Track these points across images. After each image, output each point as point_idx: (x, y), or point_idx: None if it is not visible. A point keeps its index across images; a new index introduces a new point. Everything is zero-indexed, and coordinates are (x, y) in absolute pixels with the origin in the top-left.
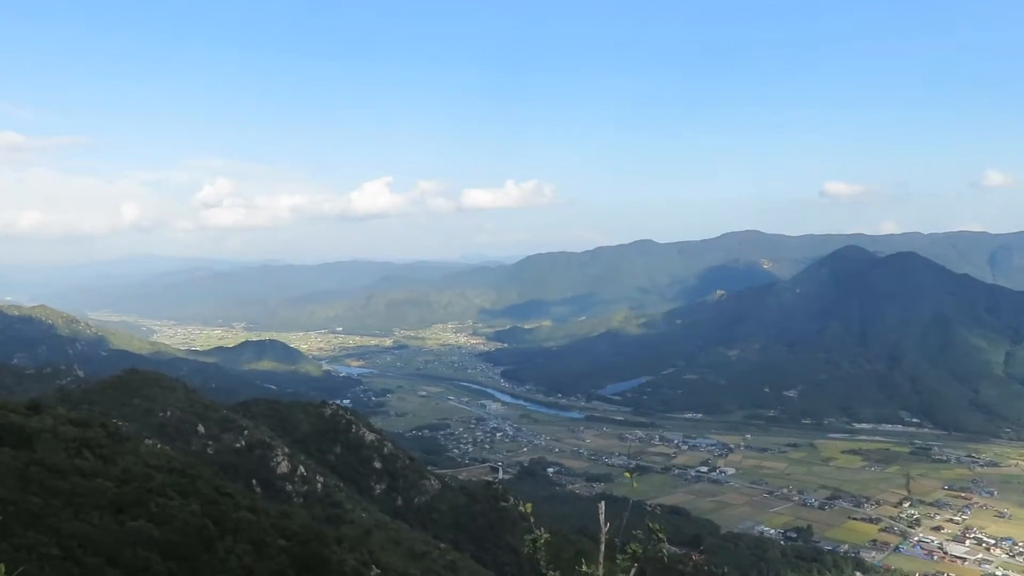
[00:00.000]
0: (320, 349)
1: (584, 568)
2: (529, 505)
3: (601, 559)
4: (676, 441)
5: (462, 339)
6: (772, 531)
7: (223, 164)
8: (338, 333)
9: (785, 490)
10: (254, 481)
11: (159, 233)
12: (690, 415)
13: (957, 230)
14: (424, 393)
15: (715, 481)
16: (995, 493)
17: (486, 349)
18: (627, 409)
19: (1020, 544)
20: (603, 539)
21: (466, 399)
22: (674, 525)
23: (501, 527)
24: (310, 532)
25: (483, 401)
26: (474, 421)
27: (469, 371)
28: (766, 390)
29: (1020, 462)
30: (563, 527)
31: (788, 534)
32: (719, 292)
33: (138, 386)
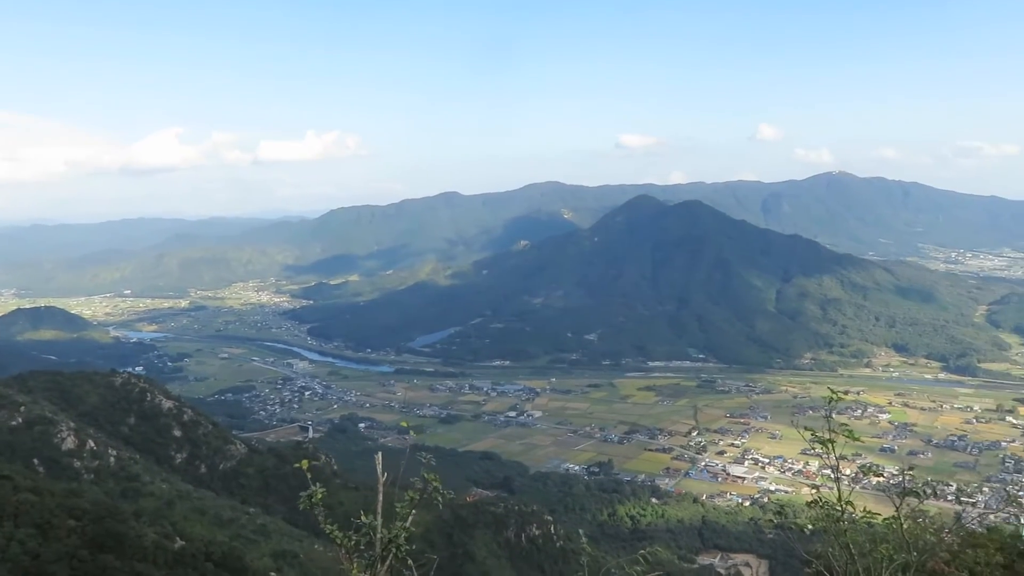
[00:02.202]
0: (107, 314)
1: (363, 518)
2: (305, 462)
3: (379, 508)
4: (485, 389)
5: (265, 298)
6: (577, 467)
7: None
8: (126, 296)
9: (588, 428)
10: (36, 460)
11: None
12: (498, 363)
13: (736, 180)
14: (226, 355)
15: (523, 425)
16: (768, 417)
17: (291, 307)
18: (437, 360)
19: (790, 461)
20: (381, 489)
21: (271, 359)
22: (485, 469)
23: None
24: (103, 509)
25: (290, 360)
26: (281, 381)
27: (274, 330)
28: (569, 335)
29: (789, 388)
30: (374, 481)
31: (591, 469)
32: (523, 242)
33: None
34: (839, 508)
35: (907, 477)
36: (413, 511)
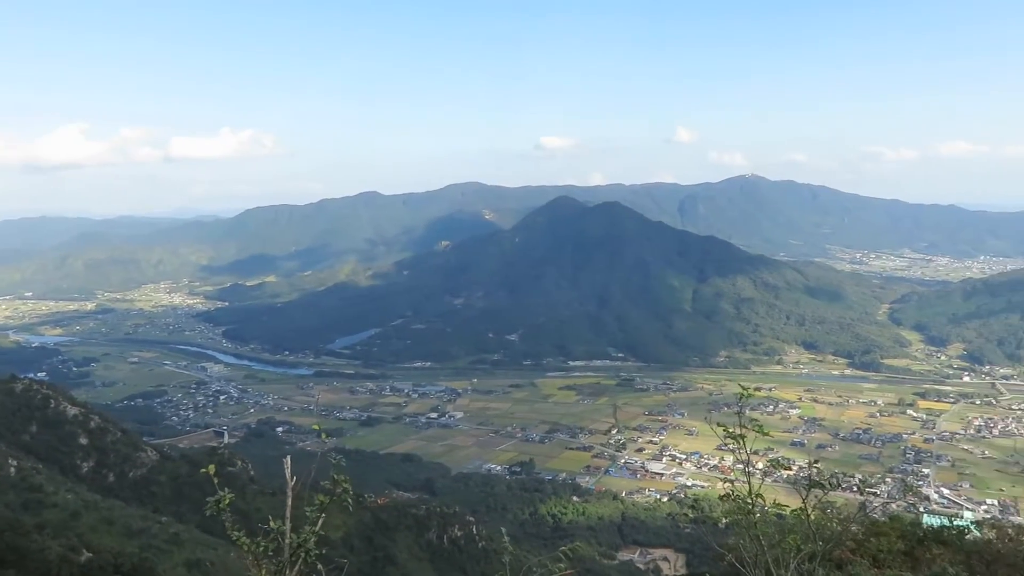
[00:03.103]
0: (7, 318)
1: (271, 523)
2: (212, 467)
3: (288, 513)
4: (406, 390)
5: (177, 299)
6: (499, 468)
7: None
8: (27, 299)
9: (510, 428)
10: None
11: None
12: (419, 364)
13: (653, 181)
14: (136, 359)
15: (445, 426)
16: (685, 414)
17: (205, 309)
18: (357, 362)
19: (706, 456)
20: (290, 493)
21: (184, 363)
22: (407, 472)
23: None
24: (3, 522)
25: (204, 364)
26: (194, 385)
27: (187, 333)
28: (490, 335)
29: (705, 385)
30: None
31: (513, 469)
32: (444, 243)
33: None
34: (750, 501)
35: (813, 470)
36: (323, 515)
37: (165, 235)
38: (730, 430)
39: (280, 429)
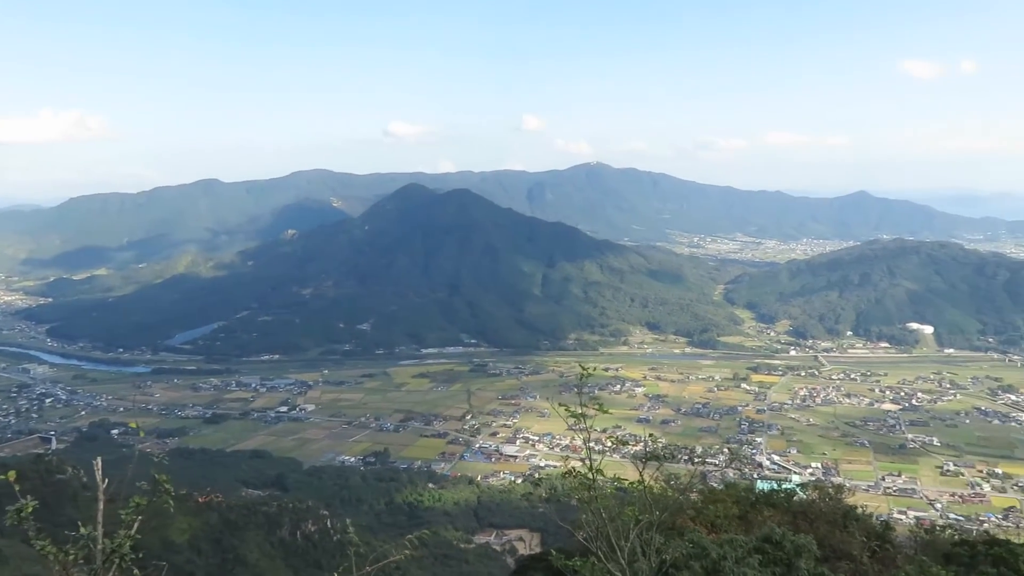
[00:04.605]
0: None
1: (82, 529)
2: (12, 473)
3: (99, 517)
4: (254, 385)
5: None
6: (353, 459)
7: None
8: None
9: (363, 419)
10: None
11: None
12: (267, 357)
13: (502, 169)
14: None
15: (296, 419)
16: (537, 397)
17: (26, 305)
18: (200, 358)
19: (558, 437)
20: (101, 497)
21: (3, 365)
22: (256, 468)
23: (59, 502)
24: None
25: (26, 365)
26: (16, 389)
27: (5, 332)
28: (341, 325)
29: (555, 368)
30: (132, 489)
31: (367, 459)
32: (290, 231)
33: None
34: (590, 477)
35: (649, 444)
36: (139, 518)
37: None
38: (571, 409)
39: (115, 431)
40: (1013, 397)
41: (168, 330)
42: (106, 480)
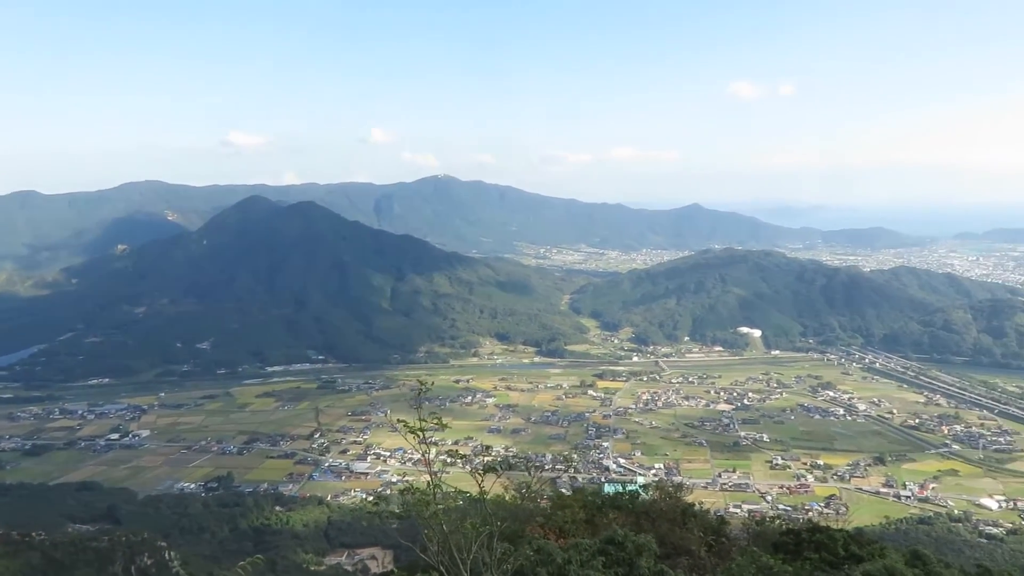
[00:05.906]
0: None
1: None
2: None
3: None
4: (81, 412)
5: None
6: (193, 485)
7: None
8: None
9: (204, 442)
10: None
11: None
12: (96, 381)
13: (349, 181)
14: None
15: (129, 447)
16: (388, 412)
17: None
18: (17, 384)
19: (409, 451)
20: None
21: None
22: (84, 502)
23: None
24: None
25: None
26: None
27: None
28: (178, 345)
29: (406, 382)
30: None
31: (209, 485)
32: (121, 246)
33: None
34: (429, 493)
35: (486, 457)
36: None
37: None
38: (409, 424)
39: None
40: (831, 393)
41: None
42: None
